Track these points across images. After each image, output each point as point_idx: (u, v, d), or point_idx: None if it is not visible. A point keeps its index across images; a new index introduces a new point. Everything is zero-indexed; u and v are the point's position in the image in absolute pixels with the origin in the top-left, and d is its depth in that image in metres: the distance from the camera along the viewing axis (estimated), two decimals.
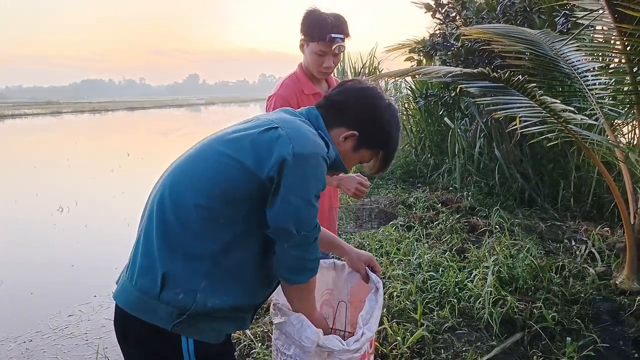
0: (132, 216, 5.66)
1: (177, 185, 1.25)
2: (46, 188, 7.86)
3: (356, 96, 1.39)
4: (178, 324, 1.18)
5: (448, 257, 3.40)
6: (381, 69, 8.44)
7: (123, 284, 1.26)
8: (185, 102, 65.48)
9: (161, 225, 1.22)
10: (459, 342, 2.46)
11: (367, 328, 1.47)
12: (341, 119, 1.38)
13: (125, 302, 1.23)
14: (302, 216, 1.23)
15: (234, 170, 1.21)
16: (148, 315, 1.20)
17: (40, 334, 3.12)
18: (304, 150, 1.21)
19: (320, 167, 1.25)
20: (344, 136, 1.37)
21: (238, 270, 1.25)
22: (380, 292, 1.67)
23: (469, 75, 2.98)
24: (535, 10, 4.34)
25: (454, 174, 5.61)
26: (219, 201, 1.20)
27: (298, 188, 1.21)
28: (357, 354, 1.41)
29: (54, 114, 35.94)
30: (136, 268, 1.23)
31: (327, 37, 2.08)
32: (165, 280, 1.18)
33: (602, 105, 3.05)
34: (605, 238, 3.69)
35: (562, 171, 4.77)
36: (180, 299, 1.18)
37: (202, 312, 1.20)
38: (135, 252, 1.26)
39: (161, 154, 12.32)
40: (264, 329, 2.65)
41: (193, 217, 1.20)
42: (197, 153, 1.30)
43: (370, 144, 1.40)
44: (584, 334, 2.45)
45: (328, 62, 2.16)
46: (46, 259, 4.59)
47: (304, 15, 2.14)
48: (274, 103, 2.23)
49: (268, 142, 1.22)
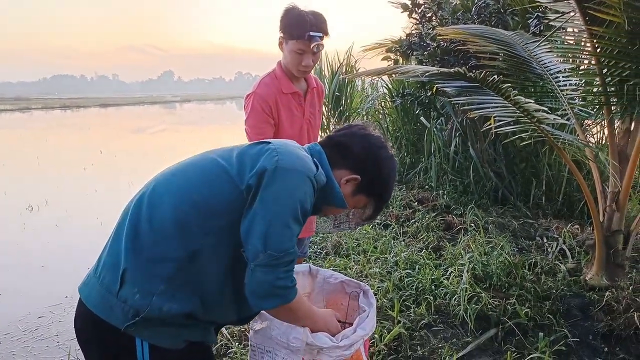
0: (105, 215, 5.57)
1: (159, 187, 1.25)
2: (15, 187, 7.64)
3: (362, 142, 1.39)
4: (132, 324, 1.16)
5: (424, 255, 3.44)
6: (358, 68, 8.47)
7: (89, 276, 1.27)
8: (159, 99, 64.41)
9: (133, 224, 1.21)
10: (435, 339, 2.50)
11: (361, 327, 1.46)
12: (345, 161, 1.37)
13: (87, 296, 1.23)
14: (273, 234, 1.15)
15: (219, 180, 1.20)
16: (105, 313, 1.18)
17: (10, 336, 3.03)
18: (288, 165, 1.19)
19: (302, 185, 1.21)
20: (347, 179, 1.36)
21: (200, 281, 1.22)
22: (370, 294, 1.67)
23: (445, 74, 3.01)
24: (508, 12, 4.42)
25: (429, 173, 5.67)
26: (200, 209, 1.19)
27: (274, 203, 1.16)
28: (348, 352, 1.40)
29: (23, 110, 34.94)
30: (102, 262, 1.24)
31: (306, 36, 2.06)
32: (125, 278, 1.17)
33: (573, 105, 3.13)
34: (575, 235, 3.79)
35: (534, 170, 4.87)
36: (136, 299, 1.16)
37: (156, 316, 1.17)
38: (105, 247, 1.28)
39: (135, 151, 12.11)
40: (241, 328, 2.63)
41: (167, 220, 1.19)
42: (185, 163, 1.31)
43: (368, 191, 1.41)
44: (556, 329, 2.51)
45: (307, 61, 2.14)
46: (15, 260, 4.46)
47: (283, 12, 2.12)
48: (252, 103, 2.22)
49: (255, 154, 1.22)
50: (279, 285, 1.19)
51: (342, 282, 1.80)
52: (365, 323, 1.48)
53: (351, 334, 1.42)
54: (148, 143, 14.68)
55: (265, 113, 2.20)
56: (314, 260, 3.59)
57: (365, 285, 1.72)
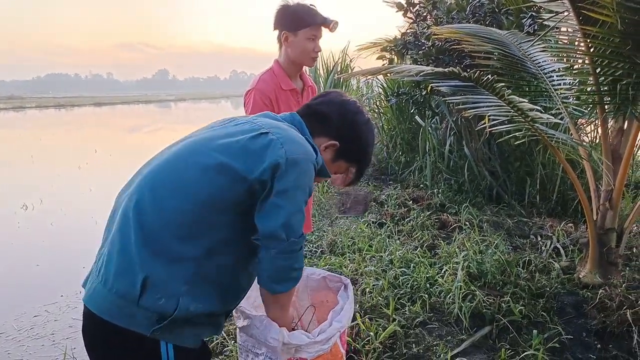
0: (99, 214, 5.54)
1: (160, 189, 1.21)
2: (9, 185, 7.62)
3: (339, 109, 1.43)
4: (158, 329, 1.15)
5: (419, 253, 3.45)
6: (353, 67, 8.49)
7: (95, 288, 1.19)
8: (154, 98, 64.19)
9: (141, 228, 1.17)
10: (430, 337, 2.51)
11: (337, 319, 1.48)
12: (323, 129, 1.41)
13: (99, 307, 1.18)
14: (292, 222, 1.22)
15: (222, 176, 1.19)
16: (125, 321, 1.15)
17: (5, 335, 3.02)
18: (296, 154, 1.22)
19: (310, 172, 1.26)
20: (325, 145, 1.40)
21: (219, 276, 1.24)
22: (350, 288, 1.68)
23: (440, 74, 3.03)
24: (503, 11, 4.44)
25: (424, 172, 5.69)
26: (204, 206, 1.19)
27: (290, 193, 1.21)
28: (326, 346, 1.41)
29: (17, 109, 34.75)
30: (112, 271, 1.17)
31: (319, 20, 2.21)
32: (146, 285, 1.14)
33: (567, 104, 3.15)
34: (569, 234, 3.81)
35: (528, 169, 4.90)
36: (161, 304, 1.15)
37: (184, 317, 1.17)
38: (110, 254, 1.20)
39: (130, 150, 12.09)
40: (236, 326, 2.64)
41: (177, 221, 1.18)
42: (179, 155, 1.26)
43: (347, 156, 1.45)
44: (550, 327, 2.53)
45: (318, 46, 2.28)
46: (10, 259, 4.45)
47: (282, 9, 2.22)
48: (253, 98, 2.24)
49: (260, 147, 1.21)
50: (297, 267, 1.28)
51: (324, 277, 1.83)
52: (341, 316, 1.50)
53: (327, 327, 1.44)
54: (143, 142, 14.66)
55: (267, 106, 2.23)
56: (310, 259, 3.60)
57: (346, 279, 1.73)
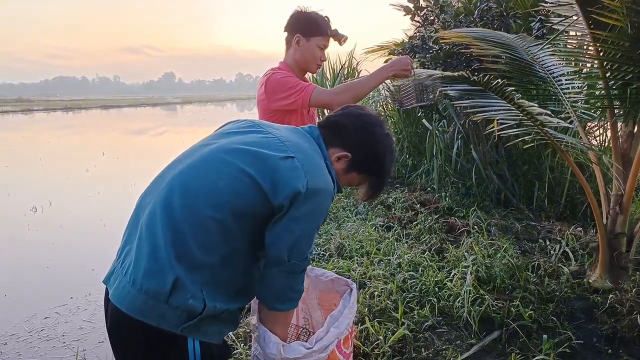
0: (108, 216, 5.59)
1: (193, 197, 1.23)
2: (19, 188, 7.67)
3: (355, 120, 1.43)
4: (187, 327, 1.19)
5: (427, 257, 3.45)
6: (360, 70, 8.49)
7: (124, 287, 1.21)
8: (161, 101, 64.46)
9: (171, 232, 1.20)
10: (439, 341, 2.51)
11: (335, 326, 1.47)
12: (338, 140, 1.41)
13: (128, 306, 1.20)
14: (299, 247, 1.26)
15: (250, 188, 1.22)
16: (154, 319, 1.18)
17: (15, 337, 3.04)
18: (317, 185, 1.25)
19: (327, 202, 1.30)
20: (337, 156, 1.40)
21: (231, 280, 1.28)
22: (354, 292, 1.68)
23: (449, 78, 3.03)
24: (511, 15, 4.43)
25: (431, 175, 5.69)
26: (229, 215, 1.21)
27: (304, 221, 1.25)
28: (324, 354, 1.41)
29: (25, 112, 35.01)
30: (141, 271, 1.19)
31: (332, 32, 2.30)
32: (177, 285, 1.17)
33: (576, 108, 3.14)
34: (578, 238, 3.80)
35: (536, 172, 4.88)
36: (190, 303, 1.18)
37: (212, 314, 1.21)
38: (138, 254, 1.22)
39: (137, 153, 12.13)
40: (245, 329, 2.65)
41: (204, 228, 1.20)
42: (209, 162, 1.28)
43: (360, 168, 1.43)
44: (560, 332, 2.52)
45: (324, 56, 2.38)
46: (20, 261, 4.48)
47: (300, 14, 2.28)
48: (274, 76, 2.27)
49: (286, 171, 1.23)
50: (297, 289, 1.32)
51: (332, 279, 1.84)
52: (340, 322, 1.48)
53: (324, 334, 1.43)
54: (150, 144, 14.73)
55: (293, 77, 2.27)
56: (318, 262, 3.61)
57: (352, 282, 1.74)
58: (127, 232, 1.31)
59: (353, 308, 1.59)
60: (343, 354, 1.58)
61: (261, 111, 2.36)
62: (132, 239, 1.26)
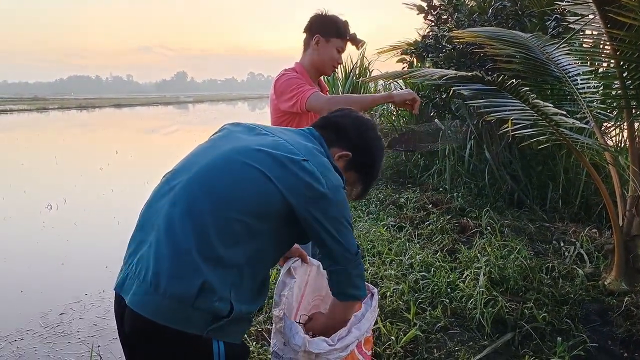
0: (121, 214, 5.64)
1: (216, 200, 1.23)
2: (34, 186, 7.76)
3: (354, 122, 1.53)
4: (212, 329, 1.20)
5: (439, 258, 3.44)
6: (371, 70, 8.47)
7: (145, 293, 1.18)
8: (173, 100, 64.87)
9: (196, 235, 1.19)
10: (451, 342, 2.50)
11: (357, 327, 1.50)
12: (338, 139, 1.49)
13: (151, 311, 1.18)
14: (352, 241, 1.38)
15: (271, 190, 1.26)
16: (180, 323, 1.18)
17: (32, 333, 3.09)
18: (334, 182, 1.32)
19: (345, 196, 1.38)
20: (339, 155, 1.47)
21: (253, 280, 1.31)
22: (375, 297, 1.70)
23: (463, 78, 3.01)
24: (526, 13, 4.39)
25: (444, 175, 5.66)
26: (253, 216, 1.25)
27: (342, 217, 1.34)
28: (344, 353, 1.45)
29: (40, 110, 35.44)
30: (163, 276, 1.17)
31: (351, 35, 2.36)
32: (204, 288, 1.17)
33: (592, 108, 3.10)
34: (593, 239, 3.75)
35: (550, 173, 4.84)
36: (216, 305, 1.19)
37: (238, 317, 1.24)
38: (158, 259, 1.19)
39: (150, 151, 12.23)
40: (258, 328, 2.66)
41: (230, 229, 1.22)
42: (224, 162, 1.29)
43: (358, 168, 1.52)
44: (574, 334, 2.50)
45: (340, 59, 2.41)
46: (36, 257, 4.53)
47: (321, 16, 2.33)
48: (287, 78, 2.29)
49: (303, 174, 1.28)
50: (363, 274, 1.46)
51: None
52: (361, 323, 1.52)
53: (346, 334, 1.47)
54: (162, 143, 14.84)
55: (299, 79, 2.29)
56: None
57: (374, 287, 1.75)
58: (138, 238, 1.28)
59: (374, 312, 1.63)
60: (363, 354, 1.61)
61: (272, 111, 2.37)
62: (143, 245, 1.24)
